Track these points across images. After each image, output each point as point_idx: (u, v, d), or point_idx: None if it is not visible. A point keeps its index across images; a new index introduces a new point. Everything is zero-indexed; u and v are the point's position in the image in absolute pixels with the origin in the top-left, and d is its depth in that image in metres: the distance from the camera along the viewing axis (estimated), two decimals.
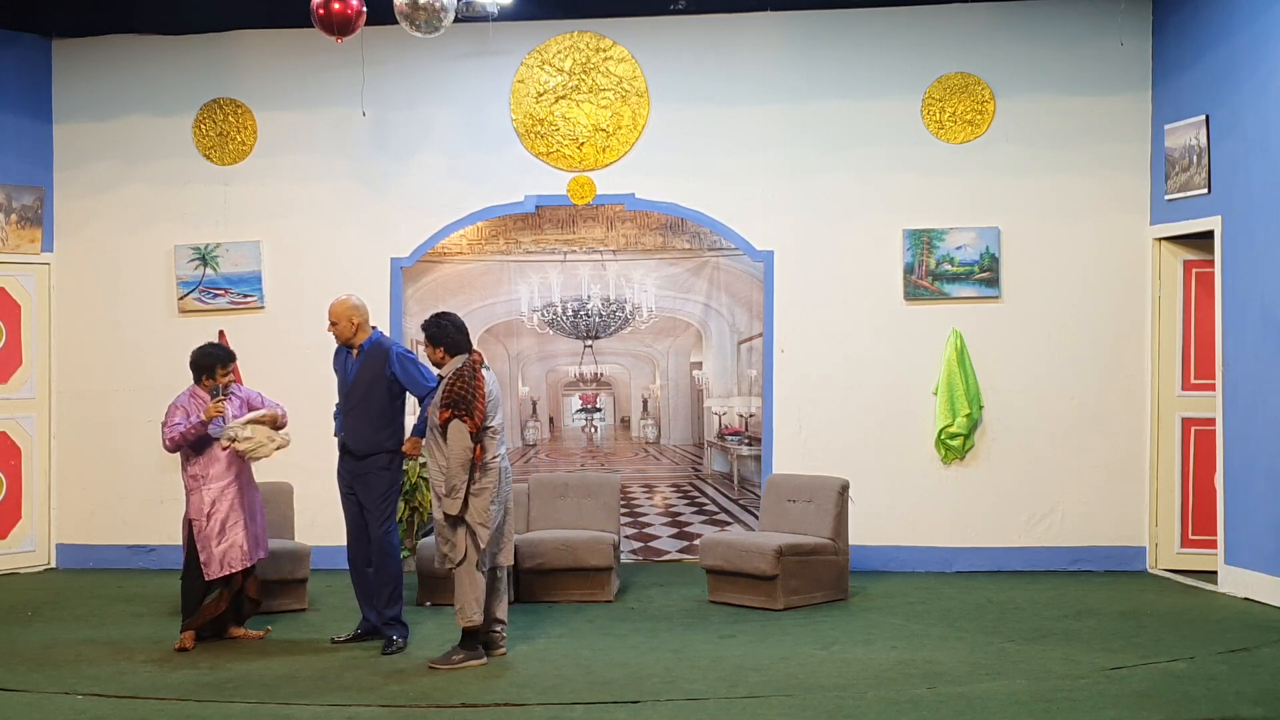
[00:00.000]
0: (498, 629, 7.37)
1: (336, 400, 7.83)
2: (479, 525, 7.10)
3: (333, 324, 7.66)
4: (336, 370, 7.81)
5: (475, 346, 7.36)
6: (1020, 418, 9.93)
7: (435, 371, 7.41)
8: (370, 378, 7.58)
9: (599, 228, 10.36)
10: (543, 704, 6.36)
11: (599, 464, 10.30)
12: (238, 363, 7.98)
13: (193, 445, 7.60)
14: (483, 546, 7.12)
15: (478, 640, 7.20)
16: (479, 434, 7.05)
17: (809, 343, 10.08)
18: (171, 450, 7.65)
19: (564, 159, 10.30)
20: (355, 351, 7.67)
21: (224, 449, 7.57)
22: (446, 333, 7.25)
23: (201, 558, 7.56)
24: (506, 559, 7.38)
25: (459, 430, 7.02)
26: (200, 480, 7.61)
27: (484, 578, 7.17)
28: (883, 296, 10.05)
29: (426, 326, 7.32)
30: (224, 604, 7.69)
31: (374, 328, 7.77)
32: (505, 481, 7.28)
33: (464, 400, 7.05)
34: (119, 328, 10.47)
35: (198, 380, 7.72)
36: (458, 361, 7.22)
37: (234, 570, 7.61)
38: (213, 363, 7.71)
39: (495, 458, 7.18)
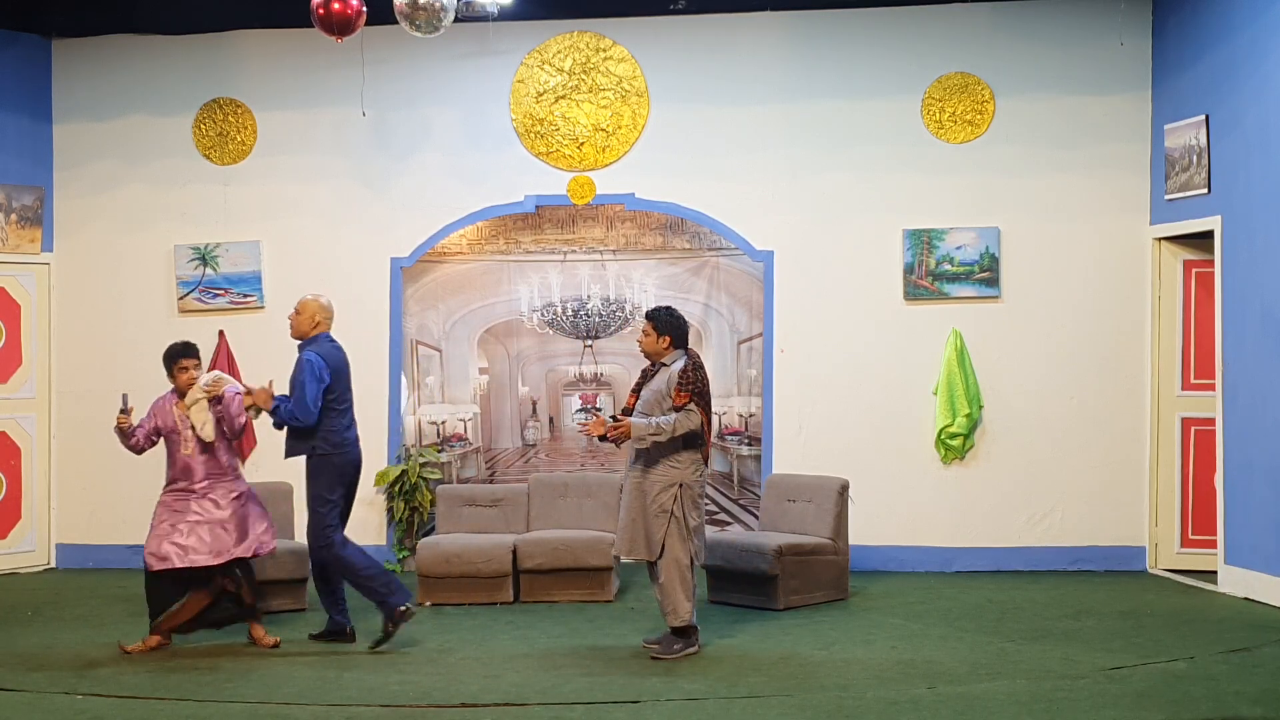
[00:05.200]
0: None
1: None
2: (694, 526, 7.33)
3: (296, 313, 7.68)
4: None
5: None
6: (1020, 418, 9.93)
7: (650, 360, 7.41)
8: (292, 374, 7.61)
9: (599, 228, 10.36)
10: (543, 704, 6.36)
11: (599, 464, 10.30)
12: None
13: (166, 450, 7.71)
14: (695, 545, 7.31)
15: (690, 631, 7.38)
16: (702, 428, 7.29)
17: (809, 343, 10.09)
18: (132, 452, 7.74)
19: (564, 159, 10.30)
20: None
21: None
22: (678, 325, 7.39)
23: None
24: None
25: (693, 413, 7.19)
26: (167, 480, 7.70)
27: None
28: (883, 296, 10.05)
29: (657, 315, 7.37)
30: (189, 609, 7.57)
31: (325, 335, 7.70)
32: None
33: (706, 395, 7.29)
34: (119, 328, 10.47)
35: (171, 379, 7.74)
36: (679, 354, 7.36)
37: (165, 567, 7.47)
38: (169, 358, 7.73)
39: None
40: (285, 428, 7.65)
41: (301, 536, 9.27)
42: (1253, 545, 8.67)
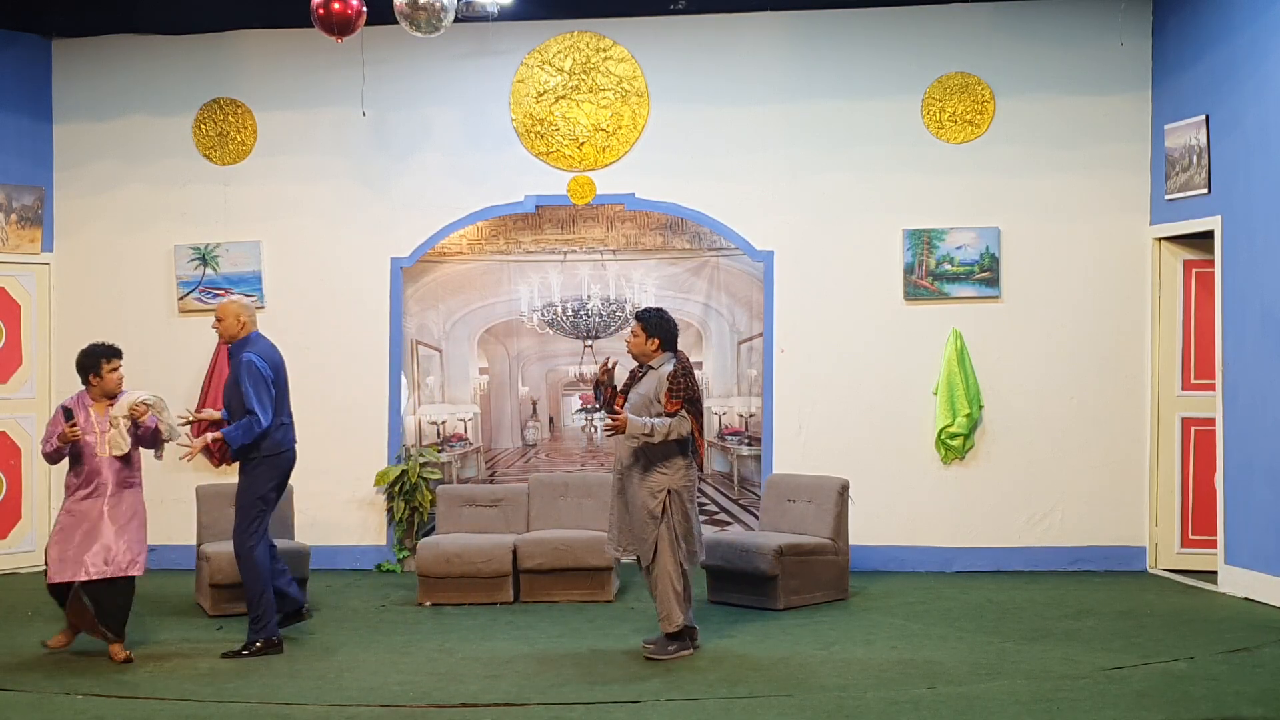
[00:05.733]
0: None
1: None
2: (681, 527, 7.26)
3: (219, 320, 7.56)
4: None
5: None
6: (1020, 418, 9.93)
7: (638, 361, 7.36)
8: (232, 378, 7.51)
9: (599, 228, 10.36)
10: (543, 704, 6.36)
11: (599, 464, 10.30)
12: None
13: (70, 454, 7.36)
14: (686, 549, 7.26)
15: (684, 635, 7.31)
16: (691, 436, 7.23)
17: (809, 343, 10.09)
18: (49, 463, 7.47)
19: (564, 159, 10.30)
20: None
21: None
22: (668, 327, 7.31)
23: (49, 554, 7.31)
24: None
25: (685, 420, 7.14)
26: (68, 489, 7.40)
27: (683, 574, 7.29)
28: (883, 296, 10.05)
29: (647, 316, 7.30)
30: (84, 615, 7.33)
31: (256, 334, 7.60)
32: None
33: (696, 401, 7.22)
34: (119, 328, 10.41)
35: (85, 383, 7.43)
36: (668, 357, 7.28)
37: (62, 580, 7.24)
38: (95, 361, 7.39)
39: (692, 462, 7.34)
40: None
41: (300, 536, 9.33)
42: (1253, 545, 8.67)
